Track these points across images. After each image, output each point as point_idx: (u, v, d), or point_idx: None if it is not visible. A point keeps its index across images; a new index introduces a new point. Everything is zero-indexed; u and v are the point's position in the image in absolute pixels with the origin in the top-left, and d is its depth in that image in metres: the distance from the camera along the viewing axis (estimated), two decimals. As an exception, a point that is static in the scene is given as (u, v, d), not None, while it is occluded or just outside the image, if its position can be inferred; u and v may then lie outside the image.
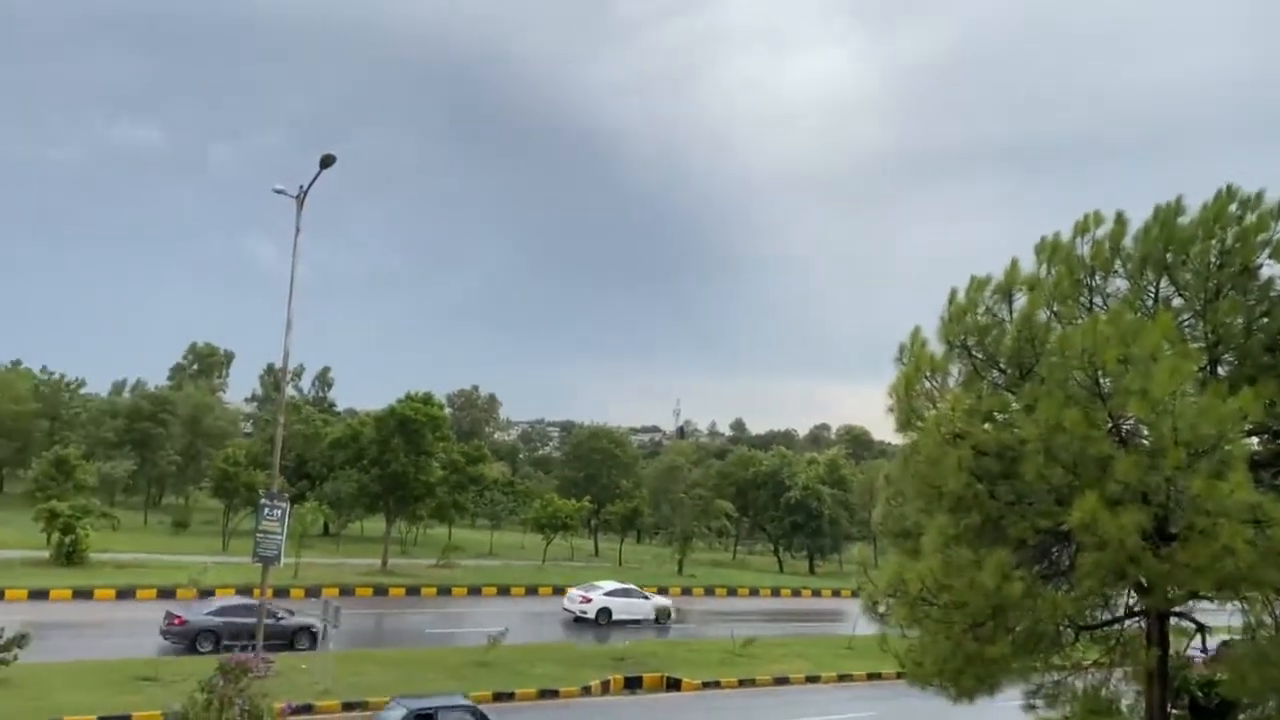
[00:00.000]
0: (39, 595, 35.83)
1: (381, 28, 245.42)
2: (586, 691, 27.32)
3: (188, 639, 29.26)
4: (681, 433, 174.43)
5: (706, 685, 29.43)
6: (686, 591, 53.13)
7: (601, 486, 76.94)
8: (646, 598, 42.88)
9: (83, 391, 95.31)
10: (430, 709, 17.65)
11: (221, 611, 30.54)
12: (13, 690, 21.88)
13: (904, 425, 12.84)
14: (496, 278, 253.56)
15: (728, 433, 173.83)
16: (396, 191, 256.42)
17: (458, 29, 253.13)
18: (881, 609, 12.70)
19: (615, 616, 40.26)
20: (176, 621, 29.53)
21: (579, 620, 40.05)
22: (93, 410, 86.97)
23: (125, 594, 37.57)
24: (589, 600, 40.62)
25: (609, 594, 41.39)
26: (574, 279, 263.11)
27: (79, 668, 24.60)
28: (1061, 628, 11.95)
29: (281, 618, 31.71)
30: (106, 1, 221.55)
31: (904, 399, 12.72)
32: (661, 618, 41.71)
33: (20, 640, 22.57)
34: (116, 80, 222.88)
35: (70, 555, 42.76)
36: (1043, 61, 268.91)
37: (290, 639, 30.91)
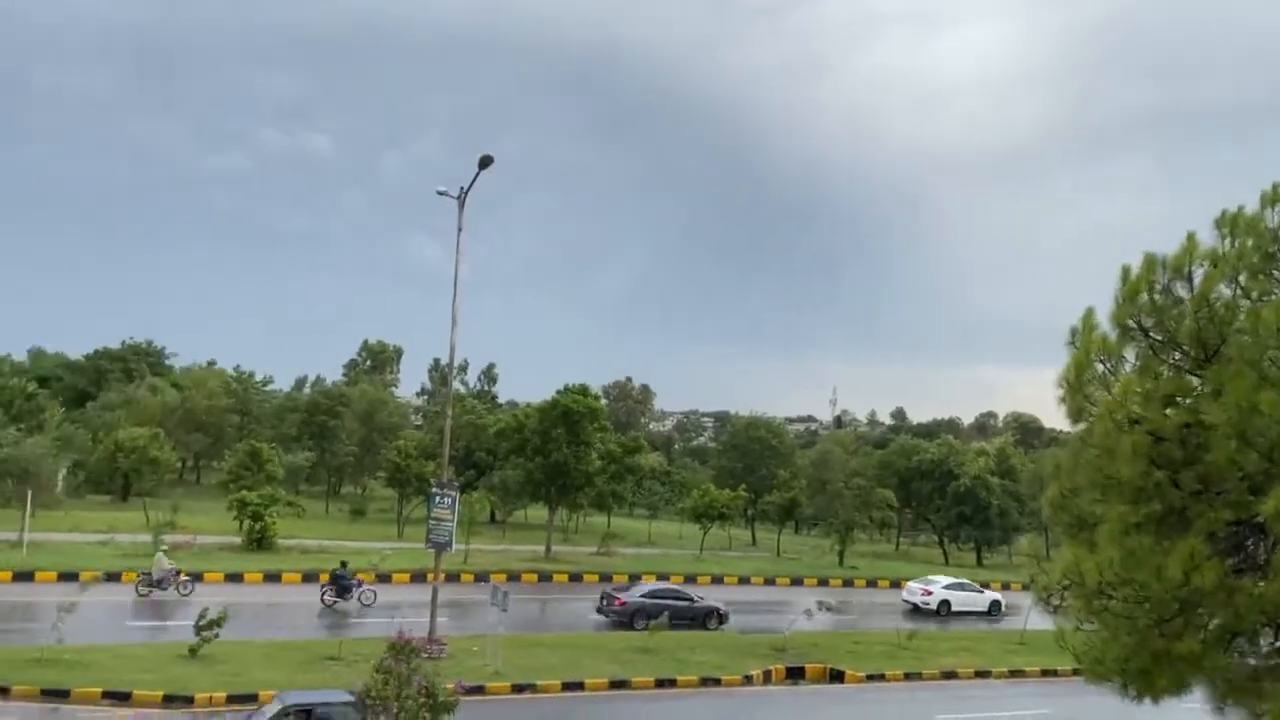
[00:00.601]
0: (234, 578, 38.55)
1: (527, 29, 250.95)
2: (748, 680, 27.33)
3: (626, 617, 33.54)
4: (839, 422, 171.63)
5: (870, 678, 28.95)
6: (848, 583, 52.33)
7: (759, 477, 76.58)
8: (981, 591, 44.26)
9: (269, 388, 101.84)
10: (308, 704, 17.58)
11: (651, 594, 35.33)
12: (213, 665, 23.70)
13: (1076, 413, 12.23)
14: (644, 270, 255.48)
15: (887, 421, 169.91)
16: (546, 189, 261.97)
17: (598, 22, 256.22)
18: (1056, 602, 12.16)
19: (954, 608, 42.11)
20: (618, 603, 34.35)
21: (918, 610, 41.89)
22: (275, 405, 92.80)
23: (310, 578, 39.84)
24: (930, 593, 42.72)
25: (947, 587, 43.53)
26: (722, 269, 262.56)
27: (270, 646, 26.36)
28: (1259, 625, 11.14)
29: (696, 601, 35.88)
30: (273, 16, 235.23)
31: (1075, 385, 12.11)
32: (994, 610, 42.84)
33: (220, 620, 24.42)
34: (287, 92, 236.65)
35: (260, 541, 45.87)
36: (1205, 23, 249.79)
37: (702, 620, 34.83)
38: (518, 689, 24.27)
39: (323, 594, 34.68)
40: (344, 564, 36.17)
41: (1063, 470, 13.00)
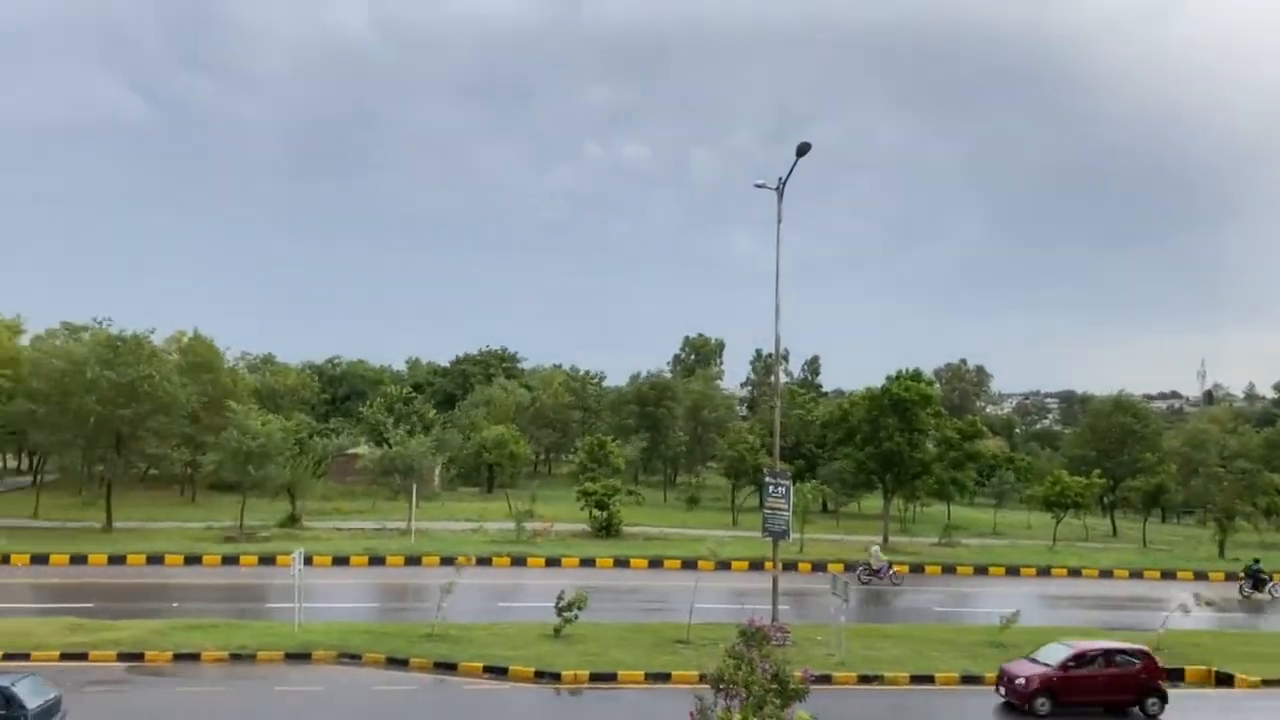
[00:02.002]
0: (587, 563, 41.17)
1: (839, 13, 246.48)
2: (1115, 681, 25.00)
3: None
4: (1209, 397, 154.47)
5: (1268, 683, 25.47)
6: (1231, 577, 46.57)
7: (1117, 462, 70.05)
8: None
9: (605, 384, 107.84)
10: None
11: None
12: (574, 645, 25.38)
13: None
14: (973, 245, 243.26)
15: (1270, 395, 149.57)
16: (865, 171, 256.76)
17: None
18: None
19: None
20: None
21: None
22: (610, 400, 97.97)
23: (655, 563, 41.78)
24: None
25: None
26: (1057, 238, 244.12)
27: (623, 628, 27.79)
28: None
29: None
30: (592, 32, 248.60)
31: None
32: None
33: (579, 603, 26.11)
34: (607, 104, 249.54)
35: (607, 528, 48.66)
36: None
37: None
38: (864, 679, 23.86)
39: (1240, 587, 41.54)
40: (1257, 560, 43.56)
41: None
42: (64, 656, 23.39)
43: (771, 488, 28.52)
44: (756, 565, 40.89)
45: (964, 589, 40.87)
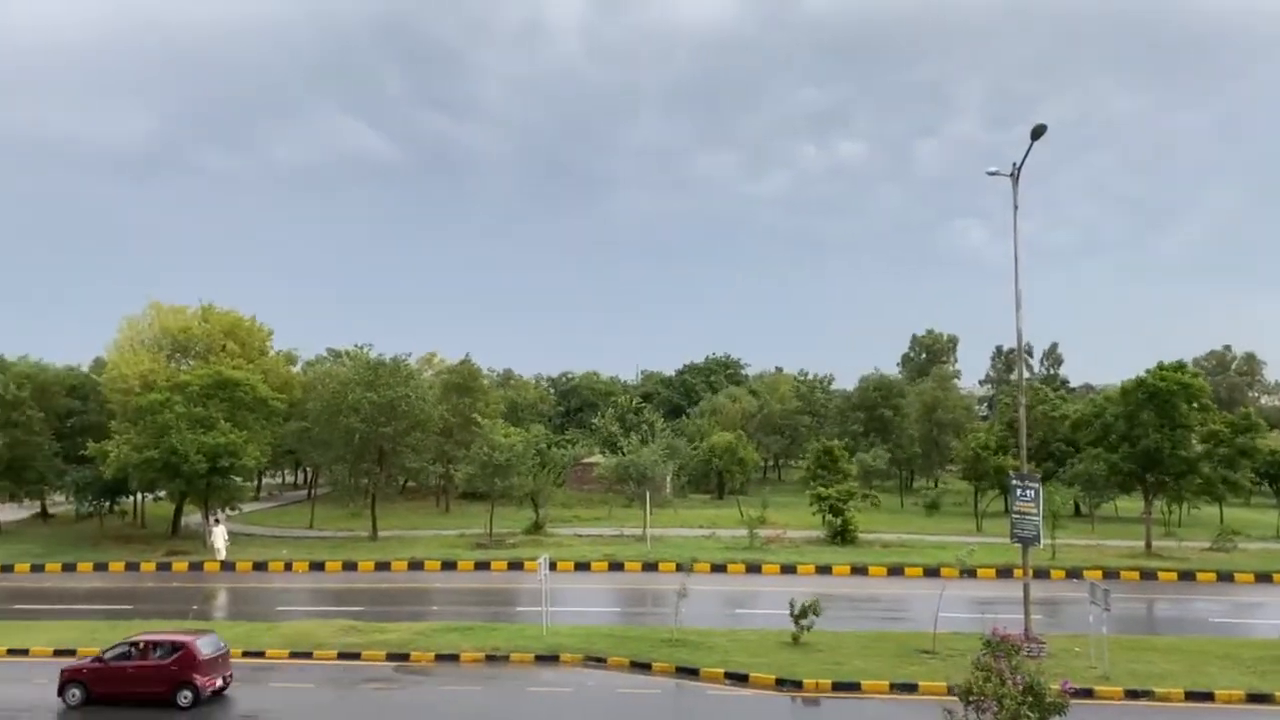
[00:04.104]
0: (823, 570, 40.60)
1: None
2: None
3: None
4: None
5: None
6: None
7: None
8: None
9: (832, 388, 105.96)
10: None
11: None
12: (813, 653, 25.10)
13: None
14: (1229, 222, 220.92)
15: None
16: (1099, 149, 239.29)
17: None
18: None
19: None
20: None
21: None
22: (837, 404, 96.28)
23: (894, 571, 40.60)
24: None
25: None
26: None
27: (864, 637, 27.18)
28: None
29: None
30: (798, 31, 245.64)
31: None
32: None
33: (814, 609, 25.83)
34: (820, 104, 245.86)
35: (842, 534, 47.76)
36: None
37: None
38: (1131, 695, 22.14)
39: None
40: None
41: None
42: (340, 656, 25.63)
43: (1019, 491, 27.11)
44: (1004, 573, 38.97)
45: (1245, 598, 37.12)
